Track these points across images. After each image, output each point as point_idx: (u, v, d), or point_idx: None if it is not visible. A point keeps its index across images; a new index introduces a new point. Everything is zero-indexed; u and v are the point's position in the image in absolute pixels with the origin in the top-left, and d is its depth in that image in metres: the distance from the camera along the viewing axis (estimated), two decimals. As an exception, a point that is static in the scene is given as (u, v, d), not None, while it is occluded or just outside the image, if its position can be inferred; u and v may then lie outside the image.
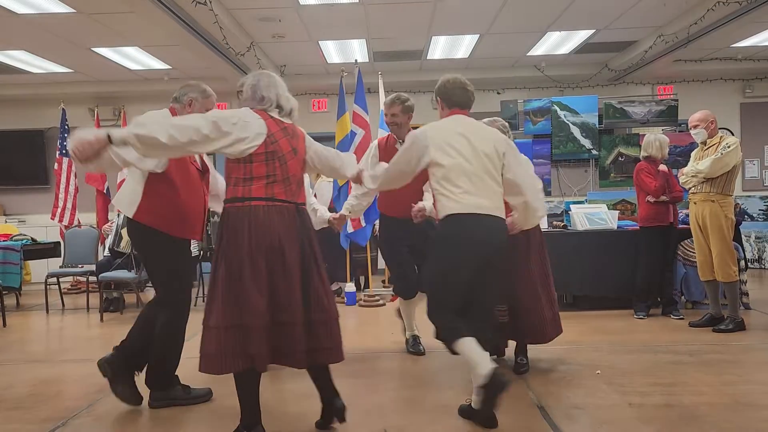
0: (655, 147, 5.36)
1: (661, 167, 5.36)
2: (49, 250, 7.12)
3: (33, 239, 6.98)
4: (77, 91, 8.79)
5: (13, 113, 9.24)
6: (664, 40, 7.17)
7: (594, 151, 8.05)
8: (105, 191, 8.07)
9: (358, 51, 7.79)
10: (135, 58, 7.75)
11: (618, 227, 5.83)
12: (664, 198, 5.22)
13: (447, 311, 2.92)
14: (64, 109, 8.22)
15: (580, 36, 7.50)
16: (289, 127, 2.77)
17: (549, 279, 3.74)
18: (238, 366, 2.58)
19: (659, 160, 5.39)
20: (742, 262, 5.47)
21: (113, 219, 7.24)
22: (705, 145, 4.90)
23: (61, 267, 6.96)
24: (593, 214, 5.92)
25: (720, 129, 5.83)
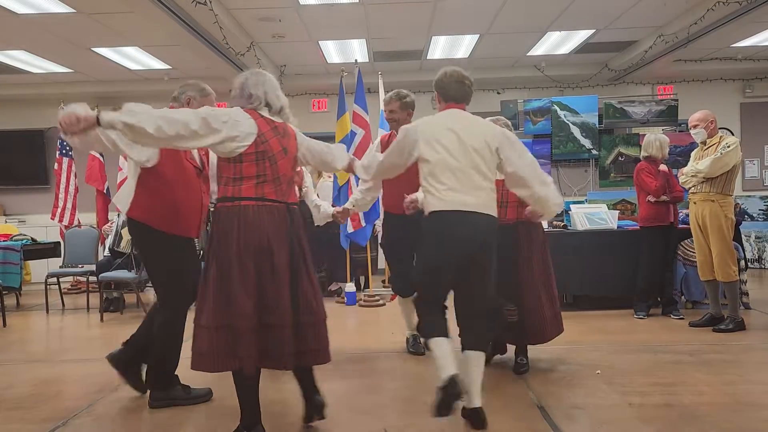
0: (655, 147, 5.36)
1: (662, 167, 5.36)
2: (49, 250, 7.13)
3: (33, 239, 6.98)
4: (77, 91, 8.78)
5: (13, 113, 9.24)
6: (664, 40, 7.17)
7: (594, 151, 8.04)
8: (105, 191, 8.06)
9: (358, 51, 7.78)
10: (135, 58, 7.75)
11: (618, 227, 5.83)
12: (664, 198, 5.22)
13: (430, 307, 2.96)
14: (64, 109, 8.18)
15: (580, 36, 7.50)
16: (280, 126, 2.76)
17: (551, 279, 3.74)
18: (229, 365, 2.59)
19: (659, 160, 5.39)
20: (742, 262, 5.47)
21: (113, 219, 7.24)
22: (705, 144, 4.90)
23: (61, 267, 6.96)
24: (593, 214, 5.92)
25: (720, 129, 5.83)
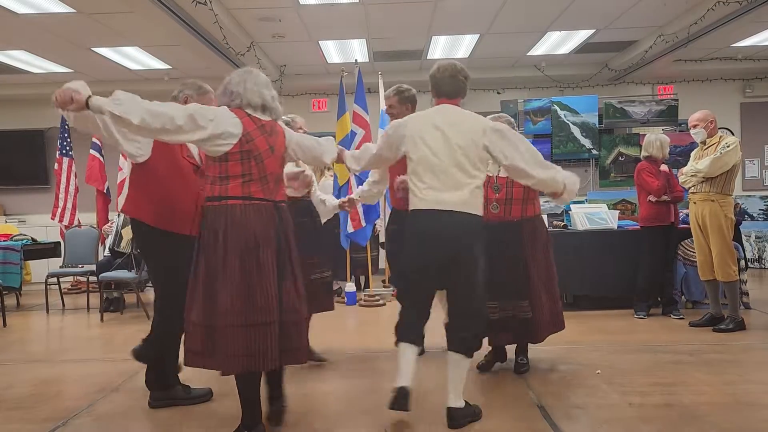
0: (655, 147, 5.36)
1: (663, 167, 5.36)
2: (49, 250, 7.13)
3: (33, 239, 6.98)
4: None
5: (13, 113, 9.23)
6: (665, 40, 7.17)
7: (594, 151, 8.04)
8: (105, 191, 8.06)
9: (358, 51, 7.78)
10: (135, 58, 7.75)
11: (618, 227, 5.83)
12: (665, 198, 5.22)
13: (408, 309, 2.98)
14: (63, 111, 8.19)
15: (580, 36, 7.50)
16: (267, 124, 2.75)
17: (553, 278, 3.69)
18: (218, 364, 2.61)
19: (660, 160, 5.39)
20: (742, 262, 5.47)
21: (113, 219, 7.24)
22: (705, 144, 4.90)
23: (61, 267, 6.96)
24: (593, 214, 5.92)
25: (720, 129, 5.83)
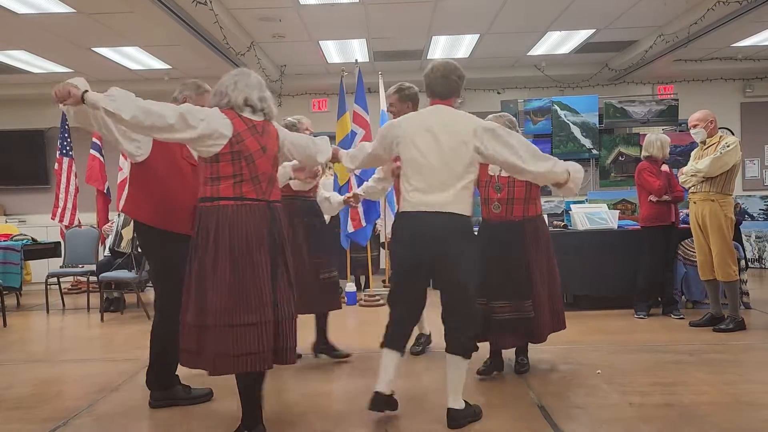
0: (656, 147, 5.36)
1: (663, 167, 5.36)
2: (49, 250, 7.13)
3: (33, 239, 6.98)
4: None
5: (14, 113, 9.24)
6: (665, 40, 7.17)
7: (594, 151, 8.03)
8: (105, 191, 8.06)
9: (358, 51, 7.78)
10: (135, 58, 7.75)
11: (618, 227, 5.83)
12: (666, 198, 5.22)
13: (394, 310, 2.99)
14: (64, 108, 8.19)
15: (581, 36, 7.50)
16: (259, 124, 2.76)
17: (555, 279, 3.67)
18: (209, 364, 2.62)
19: (661, 160, 5.39)
20: (743, 262, 5.47)
21: (113, 219, 7.25)
22: (704, 144, 4.90)
23: (61, 267, 6.95)
24: (594, 214, 5.92)
25: (720, 129, 5.83)
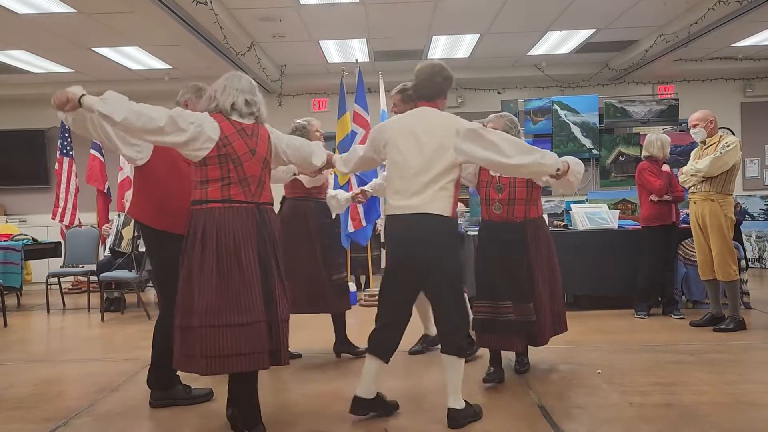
0: (656, 147, 5.36)
1: (664, 167, 5.36)
2: (49, 250, 7.13)
3: (34, 239, 6.98)
4: None
5: (14, 113, 9.24)
6: (665, 40, 7.17)
7: (595, 151, 8.03)
8: (105, 191, 8.06)
9: (358, 50, 7.78)
10: (135, 58, 7.75)
11: (619, 227, 5.83)
12: (667, 197, 5.22)
13: (381, 316, 3.00)
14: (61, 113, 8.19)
15: (581, 35, 7.50)
16: (248, 127, 2.77)
17: (556, 280, 3.65)
18: (195, 366, 2.64)
19: (661, 160, 5.39)
20: (743, 262, 5.47)
21: (114, 219, 7.25)
22: (704, 144, 4.90)
23: (61, 267, 6.96)
24: (594, 214, 5.92)
25: (721, 128, 5.83)
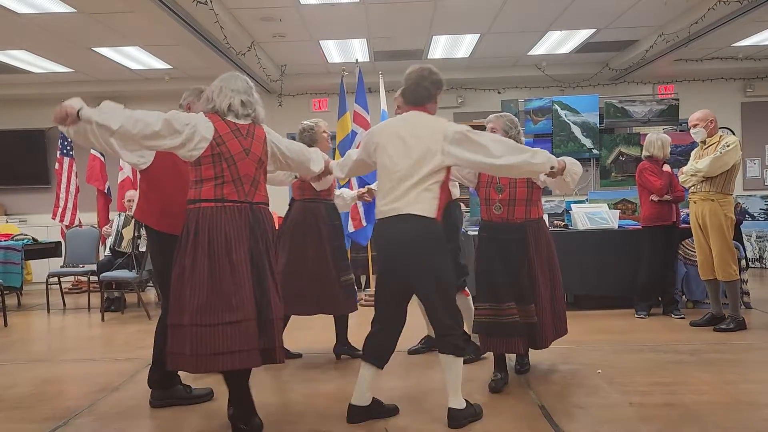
0: (657, 146, 5.36)
1: (665, 167, 5.36)
2: (50, 250, 7.14)
3: (34, 239, 6.98)
4: (78, 91, 8.59)
5: (14, 113, 9.24)
6: (665, 40, 7.17)
7: (595, 151, 8.03)
8: (106, 191, 8.06)
9: (358, 50, 7.78)
10: (136, 58, 7.75)
11: (619, 226, 5.83)
12: (667, 197, 5.22)
13: (375, 320, 2.99)
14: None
15: (581, 35, 7.50)
16: (243, 127, 2.79)
17: (558, 285, 3.61)
18: (184, 364, 2.65)
19: (662, 160, 5.39)
20: (743, 262, 5.47)
21: (114, 219, 7.25)
22: (705, 144, 4.90)
23: (62, 267, 6.96)
24: (594, 214, 5.92)
25: (721, 128, 5.83)
